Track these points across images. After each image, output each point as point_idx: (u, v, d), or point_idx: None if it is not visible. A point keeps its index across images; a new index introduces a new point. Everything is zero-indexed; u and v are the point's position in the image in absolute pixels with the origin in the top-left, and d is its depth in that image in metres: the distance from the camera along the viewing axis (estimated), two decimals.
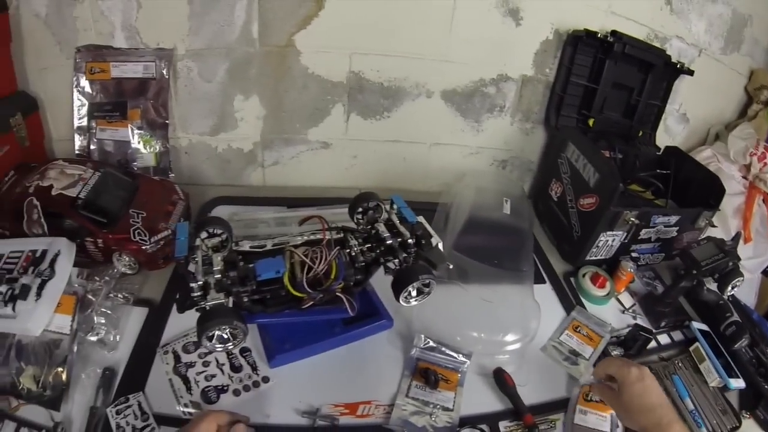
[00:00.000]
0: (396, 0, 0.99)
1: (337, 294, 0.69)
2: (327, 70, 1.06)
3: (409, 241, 0.70)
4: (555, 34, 1.07)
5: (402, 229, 0.72)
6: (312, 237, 0.72)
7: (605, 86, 1.09)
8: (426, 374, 0.76)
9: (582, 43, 1.06)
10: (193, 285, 0.62)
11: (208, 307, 0.61)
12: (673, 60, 1.13)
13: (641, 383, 0.64)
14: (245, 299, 0.66)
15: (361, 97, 1.10)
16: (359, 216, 0.76)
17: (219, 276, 0.64)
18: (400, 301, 0.69)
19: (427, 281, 0.68)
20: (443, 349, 0.79)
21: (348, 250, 0.71)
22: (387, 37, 1.03)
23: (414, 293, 0.70)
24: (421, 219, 0.74)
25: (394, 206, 0.75)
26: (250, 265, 0.66)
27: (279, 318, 0.71)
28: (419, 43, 1.05)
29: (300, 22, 1.00)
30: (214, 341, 0.63)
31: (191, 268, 0.65)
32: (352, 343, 0.79)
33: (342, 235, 0.73)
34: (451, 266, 0.75)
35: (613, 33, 1.05)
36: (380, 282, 0.75)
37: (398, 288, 0.68)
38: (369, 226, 0.75)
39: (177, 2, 0.98)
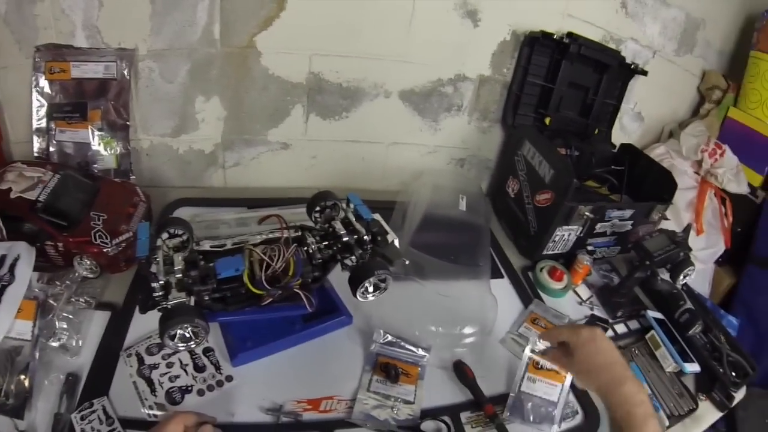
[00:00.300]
0: (356, 2, 1.00)
1: (296, 291, 0.70)
2: (287, 71, 1.07)
3: (365, 237, 0.72)
4: (512, 35, 1.10)
5: (358, 226, 0.74)
6: (270, 236, 0.74)
7: (561, 86, 1.12)
8: (386, 368, 0.78)
9: (539, 44, 1.09)
10: (154, 285, 0.63)
11: (169, 306, 0.62)
12: (628, 61, 1.17)
13: (593, 344, 0.65)
14: (206, 298, 0.67)
15: (321, 97, 1.11)
16: (317, 215, 0.78)
17: (180, 275, 0.65)
18: (358, 297, 0.71)
19: (383, 277, 0.70)
20: (402, 343, 0.81)
21: (306, 248, 0.72)
22: (346, 39, 1.04)
23: (371, 289, 0.72)
24: (377, 216, 0.76)
25: (351, 204, 0.77)
26: (210, 264, 0.67)
27: (239, 316, 0.72)
28: (378, 44, 1.06)
29: (261, 23, 1.00)
30: (176, 340, 0.64)
31: (153, 268, 0.65)
32: (313, 339, 0.81)
33: (300, 233, 0.74)
34: (407, 262, 0.77)
35: (569, 35, 1.08)
36: (339, 279, 0.77)
37: (355, 283, 0.70)
38: (326, 225, 0.76)
39: (139, 1, 0.96)
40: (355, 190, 0.80)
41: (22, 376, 0.72)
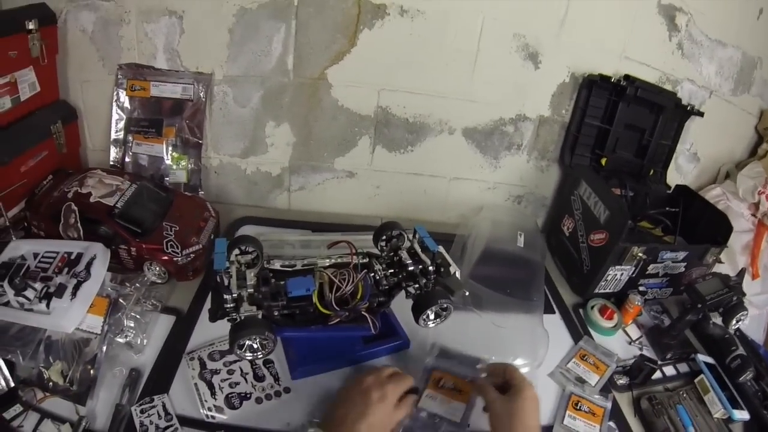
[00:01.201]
0: (424, 42, 1.05)
1: (362, 313, 0.73)
2: (356, 104, 1.12)
3: (430, 268, 0.75)
4: (571, 77, 1.12)
5: (423, 256, 0.76)
6: (339, 260, 0.77)
7: (618, 127, 1.13)
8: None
9: (596, 87, 1.11)
10: (227, 297, 0.66)
11: (241, 318, 0.66)
12: (684, 102, 1.17)
13: (535, 403, 0.68)
14: (276, 313, 0.70)
15: (387, 131, 1.15)
16: (383, 243, 0.81)
17: (252, 290, 0.68)
18: (420, 323, 0.73)
19: (445, 305, 0.72)
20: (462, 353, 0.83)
21: (373, 274, 0.75)
22: (414, 76, 1.09)
23: (432, 316, 0.74)
24: (440, 249, 0.78)
25: (417, 235, 0.79)
26: (281, 282, 0.71)
27: (306, 332, 0.75)
28: (444, 82, 1.10)
29: (333, 57, 1.06)
30: (244, 350, 0.67)
31: (225, 281, 0.69)
32: (371, 360, 0.83)
33: (367, 259, 0.77)
34: (467, 293, 0.79)
35: (626, 77, 1.10)
36: (399, 306, 0.79)
37: (418, 311, 0.72)
38: (392, 253, 0.79)
39: (218, 31, 1.04)
40: (416, 221, 0.83)
41: (88, 366, 0.76)
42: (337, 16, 1.02)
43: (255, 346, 0.67)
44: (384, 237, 0.80)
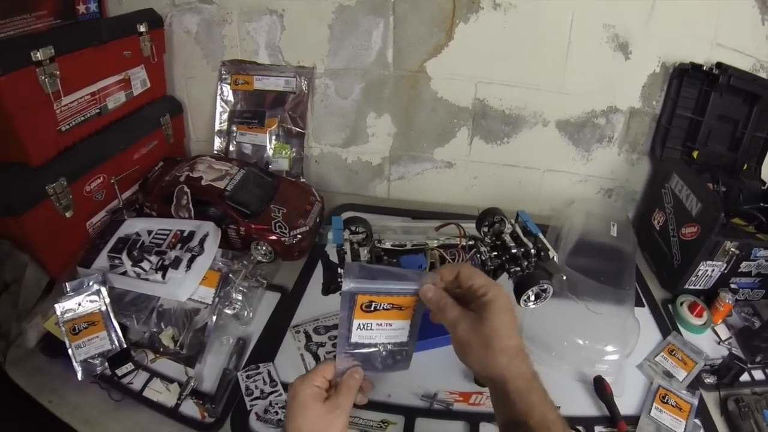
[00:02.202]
0: (517, 34, 1.08)
1: None
2: (454, 96, 1.15)
3: (532, 251, 0.78)
4: (662, 67, 1.11)
5: (525, 240, 0.79)
6: (447, 242, 0.81)
7: (710, 118, 1.10)
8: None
9: (688, 76, 1.08)
10: (341, 270, 0.70)
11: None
12: None
13: (511, 313, 0.51)
14: None
15: (485, 122, 1.18)
16: (485, 228, 0.85)
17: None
18: (521, 304, 0.76)
19: (545, 287, 0.75)
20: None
21: (479, 255, 0.79)
22: (509, 68, 1.11)
23: (533, 297, 0.76)
24: (540, 234, 0.81)
25: (519, 219, 0.82)
26: (394, 260, 0.75)
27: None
28: (537, 75, 1.12)
29: (431, 51, 1.10)
30: None
31: (341, 255, 0.72)
32: None
33: (473, 242, 0.81)
34: (564, 277, 0.81)
35: (719, 65, 1.06)
36: None
37: (520, 291, 0.75)
38: (494, 237, 0.83)
39: (318, 27, 1.11)
40: (510, 213, 0.85)
41: (199, 334, 0.83)
42: (434, 11, 1.06)
43: None
44: (487, 222, 0.84)
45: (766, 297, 1.08)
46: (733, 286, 1.03)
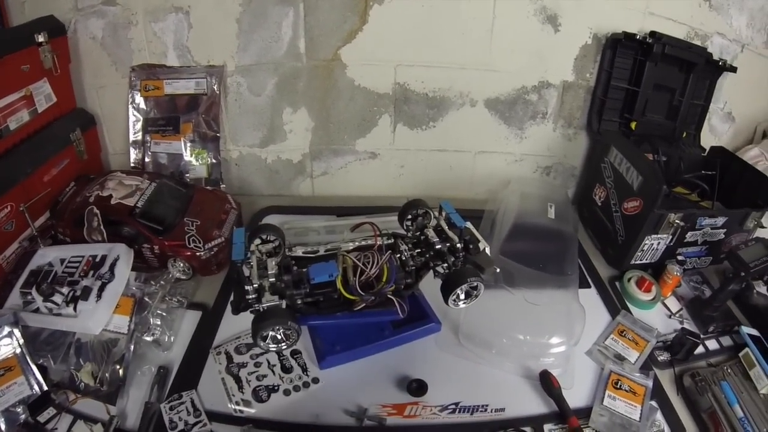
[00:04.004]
0: (438, 12, 1.02)
1: (389, 297, 0.71)
2: (373, 82, 1.10)
3: (458, 245, 0.72)
4: (594, 38, 1.08)
5: (451, 234, 0.74)
6: (363, 243, 0.75)
7: (646, 88, 1.08)
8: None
9: (621, 46, 1.06)
10: (248, 288, 0.65)
11: (263, 309, 0.65)
12: (715, 57, 1.11)
13: None
14: (299, 302, 0.69)
15: (407, 107, 1.14)
16: (408, 222, 0.79)
17: (273, 279, 0.67)
18: (449, 304, 0.71)
19: (475, 284, 0.70)
20: None
21: (399, 255, 0.73)
22: (430, 49, 1.06)
23: (463, 296, 0.71)
24: (468, 224, 0.75)
25: (443, 212, 0.77)
26: (304, 270, 0.69)
27: (331, 320, 0.73)
28: (462, 53, 1.07)
29: (345, 37, 1.04)
30: (268, 341, 0.66)
31: (245, 271, 0.68)
32: (401, 345, 0.81)
33: (392, 240, 0.75)
34: (498, 270, 0.76)
35: (652, 34, 1.04)
36: (428, 287, 0.77)
37: (447, 290, 0.70)
38: (418, 232, 0.77)
39: (226, 22, 1.03)
40: (442, 198, 0.80)
41: (117, 366, 0.77)
42: None
43: (279, 336, 0.66)
44: (409, 216, 0.78)
45: (714, 263, 1.07)
46: (680, 257, 1.01)
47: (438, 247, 0.72)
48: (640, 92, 1.08)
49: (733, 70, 1.11)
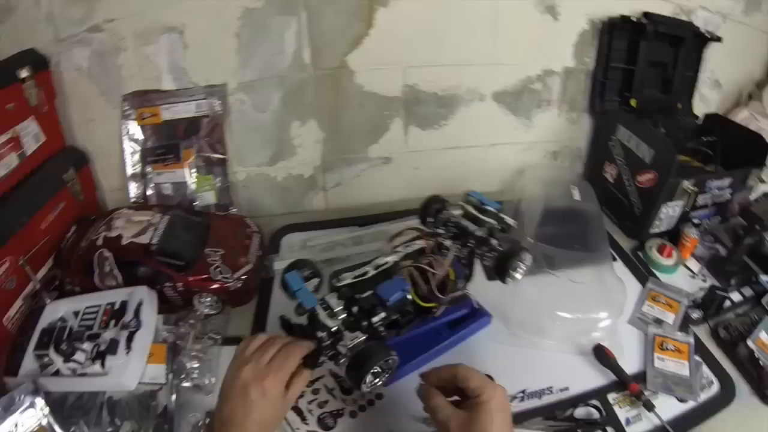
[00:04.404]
0: (442, 11, 1.02)
1: (462, 292, 0.71)
2: (382, 87, 1.08)
3: (497, 226, 0.73)
4: (590, 23, 1.11)
5: (485, 218, 0.74)
6: (409, 249, 0.73)
7: (642, 66, 1.12)
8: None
9: (617, 29, 1.10)
10: (322, 334, 0.58)
11: (346, 353, 0.59)
12: (701, 30, 1.16)
13: (504, 413, 0.53)
14: (382, 329, 0.64)
15: (418, 108, 1.13)
16: (431, 220, 0.78)
17: (344, 315, 0.61)
18: (507, 282, 0.70)
19: (525, 255, 0.70)
20: None
21: (448, 251, 0.72)
22: (437, 48, 1.06)
23: (522, 269, 0.71)
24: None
25: (472, 199, 0.77)
26: (371, 294, 0.65)
27: (412, 333, 0.72)
28: (468, 49, 1.07)
29: (351, 43, 1.02)
30: (368, 381, 0.60)
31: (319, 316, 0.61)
32: (458, 345, 0.81)
33: (434, 239, 0.75)
34: (532, 240, 0.77)
35: (646, 15, 1.08)
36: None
37: (501, 270, 0.69)
38: (450, 225, 0.76)
39: (224, 38, 0.99)
40: (456, 194, 0.80)
41: (161, 420, 0.72)
42: (350, 0, 0.98)
43: (377, 370, 0.61)
44: (431, 213, 0.78)
45: (723, 222, 1.13)
46: (694, 220, 1.06)
47: (479, 233, 0.72)
48: (637, 71, 1.12)
49: (719, 39, 1.16)
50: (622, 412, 0.74)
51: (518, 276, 0.71)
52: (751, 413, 0.76)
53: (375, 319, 0.62)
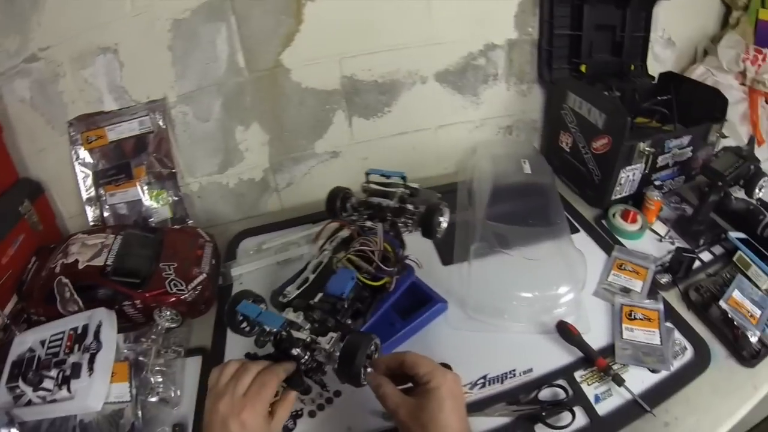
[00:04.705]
0: None
1: (406, 260, 0.71)
2: (320, 81, 1.07)
3: (406, 192, 0.73)
4: None
5: (392, 189, 0.74)
6: (336, 243, 0.73)
7: (588, 30, 1.10)
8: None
9: None
10: (298, 351, 0.55)
11: (334, 350, 0.55)
12: None
13: (455, 400, 0.51)
14: (349, 321, 0.64)
15: (359, 98, 1.11)
16: (347, 212, 0.78)
17: (309, 324, 0.58)
18: (436, 236, 0.71)
19: (442, 206, 0.72)
20: None
21: (374, 228, 0.72)
22: (371, 35, 1.04)
23: (444, 222, 0.73)
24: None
25: (371, 176, 0.77)
26: (324, 295, 0.63)
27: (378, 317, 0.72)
28: (403, 32, 1.05)
29: (283, 41, 1.01)
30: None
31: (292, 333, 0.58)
32: (414, 335, 0.79)
33: (355, 225, 0.74)
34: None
35: None
36: (421, 271, 0.77)
37: (428, 228, 0.70)
38: (362, 208, 0.76)
39: (158, 52, 0.98)
40: (413, 180, 0.79)
41: None
42: None
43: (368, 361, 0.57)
44: (337, 205, 0.78)
45: (687, 181, 1.11)
46: (656, 182, 1.04)
47: (393, 205, 0.72)
48: (584, 35, 1.10)
49: None
50: (591, 390, 0.71)
51: (444, 225, 0.72)
52: (729, 376, 0.74)
53: (339, 317, 0.61)
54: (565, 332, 0.77)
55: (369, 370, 0.54)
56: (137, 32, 0.97)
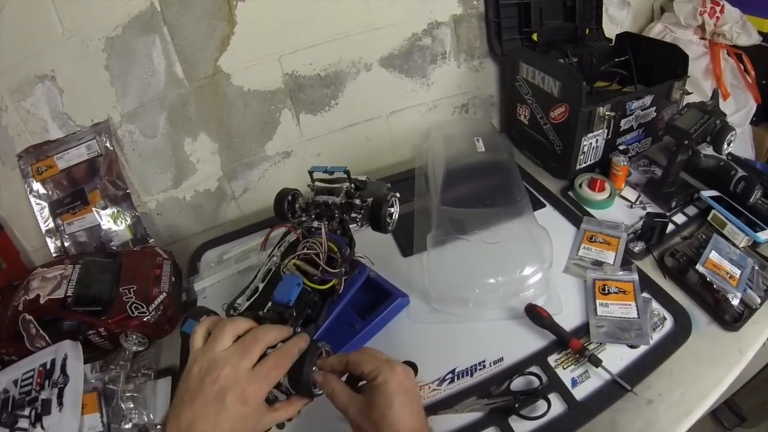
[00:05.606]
0: None
1: (355, 258, 0.70)
2: (262, 82, 1.04)
3: (351, 187, 0.71)
4: None
5: (337, 185, 0.72)
6: (283, 248, 0.70)
7: None
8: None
9: None
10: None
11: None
12: None
13: (405, 394, 0.48)
14: (299, 330, 0.61)
15: (303, 95, 1.08)
16: (296, 213, 0.76)
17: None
18: (388, 229, 0.69)
19: (390, 196, 0.69)
20: None
21: (320, 229, 0.69)
22: (308, 28, 1.01)
23: (395, 214, 0.71)
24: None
25: (314, 175, 0.75)
26: (272, 304, 0.62)
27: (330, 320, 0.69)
28: (341, 21, 1.02)
29: (219, 46, 0.98)
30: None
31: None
32: (377, 334, 0.76)
33: (301, 228, 0.72)
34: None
35: None
36: (381, 266, 0.75)
37: (378, 221, 0.67)
38: (311, 208, 0.74)
39: (95, 73, 0.96)
40: (370, 171, 0.79)
41: None
42: (206, 2, 0.94)
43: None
44: (287, 208, 0.75)
45: (655, 143, 1.08)
46: (621, 147, 1.01)
47: (339, 201, 0.70)
48: (532, 3, 1.07)
49: None
50: (567, 374, 0.68)
51: (395, 216, 0.70)
52: (712, 343, 0.71)
53: (289, 324, 0.59)
54: (535, 315, 0.73)
55: (315, 370, 0.52)
56: (72, 55, 0.94)
